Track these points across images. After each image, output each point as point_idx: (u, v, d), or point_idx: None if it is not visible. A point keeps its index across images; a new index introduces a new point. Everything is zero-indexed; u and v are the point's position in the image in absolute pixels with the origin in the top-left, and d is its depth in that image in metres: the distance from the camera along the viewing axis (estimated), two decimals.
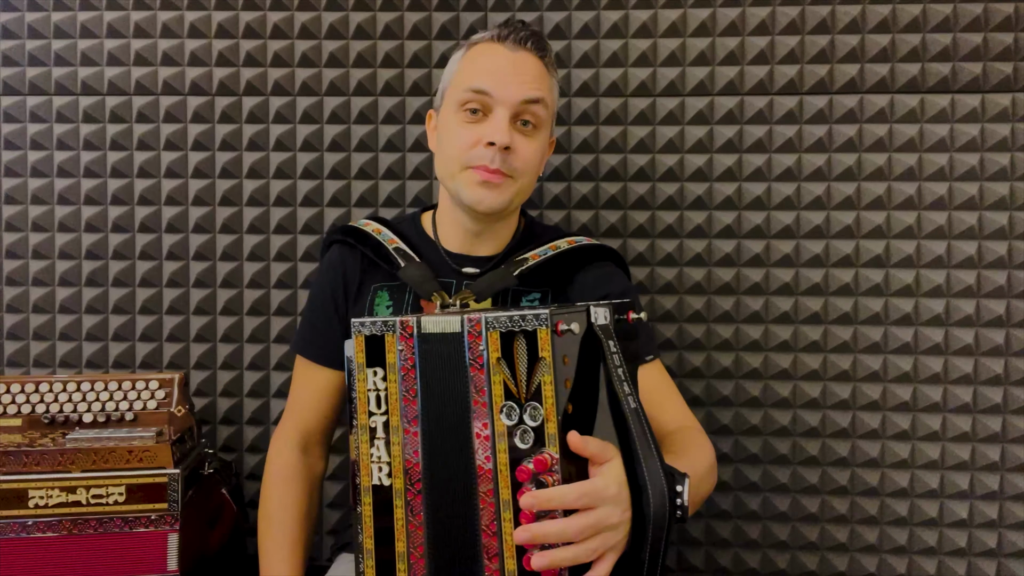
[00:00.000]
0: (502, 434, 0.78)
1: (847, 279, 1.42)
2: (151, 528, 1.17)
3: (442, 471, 0.82)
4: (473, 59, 1.10)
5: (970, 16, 1.38)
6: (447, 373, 0.81)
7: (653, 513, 0.78)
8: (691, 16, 1.43)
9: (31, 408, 1.31)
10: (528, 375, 0.77)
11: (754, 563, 1.46)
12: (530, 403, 0.76)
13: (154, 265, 1.51)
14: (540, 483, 0.75)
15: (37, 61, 1.49)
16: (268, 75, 1.48)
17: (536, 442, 0.76)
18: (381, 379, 0.85)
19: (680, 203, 1.45)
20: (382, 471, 0.85)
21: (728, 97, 1.44)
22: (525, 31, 1.10)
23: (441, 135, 1.13)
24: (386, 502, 0.85)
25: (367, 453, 0.86)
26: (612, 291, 1.15)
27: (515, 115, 1.07)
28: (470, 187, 1.07)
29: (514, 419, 0.77)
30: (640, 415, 0.81)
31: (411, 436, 0.83)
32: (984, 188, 1.40)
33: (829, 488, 1.44)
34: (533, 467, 0.75)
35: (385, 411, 0.85)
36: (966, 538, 1.41)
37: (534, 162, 1.10)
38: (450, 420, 0.81)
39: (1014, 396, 1.40)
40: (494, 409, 0.78)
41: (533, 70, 1.08)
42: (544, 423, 0.76)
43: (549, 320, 0.76)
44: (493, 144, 1.05)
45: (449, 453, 0.81)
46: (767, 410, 1.45)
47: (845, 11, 1.40)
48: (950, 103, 1.40)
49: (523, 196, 1.13)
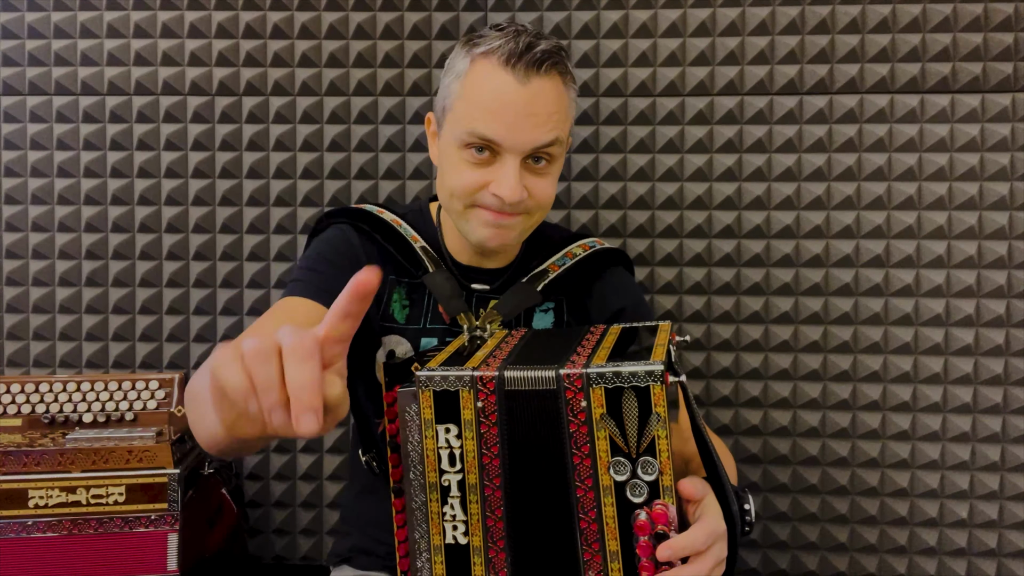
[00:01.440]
0: (608, 488, 0.77)
1: (847, 279, 1.42)
2: (151, 528, 1.17)
3: (535, 528, 0.80)
4: (476, 85, 0.95)
5: (970, 16, 1.38)
6: (539, 430, 0.77)
7: (738, 541, 0.81)
8: (691, 16, 1.43)
9: (31, 408, 1.31)
10: (640, 429, 0.75)
11: (754, 563, 1.46)
12: (642, 457, 0.75)
13: (154, 265, 1.51)
14: (659, 535, 0.76)
15: (37, 61, 1.49)
16: (268, 75, 1.48)
17: (650, 495, 0.76)
18: (455, 436, 0.80)
19: (680, 203, 1.45)
20: (457, 530, 0.81)
21: (728, 97, 1.44)
22: (538, 52, 0.93)
23: (442, 161, 1.01)
24: (462, 560, 0.82)
25: (438, 511, 0.81)
26: (627, 304, 1.12)
27: (527, 156, 0.95)
28: (478, 227, 0.98)
29: (624, 475, 0.76)
30: (712, 451, 0.83)
31: (493, 494, 0.80)
32: (984, 188, 1.40)
33: (829, 488, 1.44)
34: (651, 520, 0.76)
35: (460, 469, 0.80)
36: (966, 538, 1.41)
37: (549, 195, 1.00)
38: (543, 476, 0.78)
39: (1014, 396, 1.40)
40: (599, 465, 0.77)
41: (549, 105, 0.94)
42: (659, 476, 0.75)
43: (661, 375, 0.74)
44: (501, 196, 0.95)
45: (543, 510, 0.79)
46: (767, 410, 1.45)
47: (845, 11, 1.40)
48: (950, 103, 1.40)
49: (537, 224, 1.04)
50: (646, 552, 0.76)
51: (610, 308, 1.11)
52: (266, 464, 1.51)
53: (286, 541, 1.52)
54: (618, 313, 1.11)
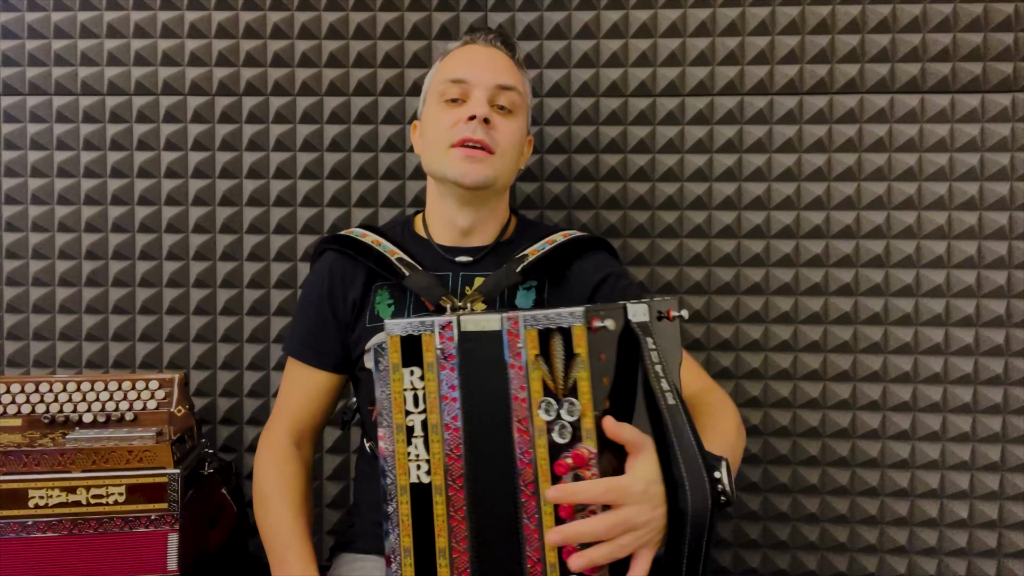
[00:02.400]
0: (541, 429, 0.79)
1: (847, 279, 1.42)
2: (151, 528, 1.17)
3: (484, 467, 0.83)
4: (449, 60, 1.19)
5: (970, 16, 1.38)
6: (487, 370, 0.82)
7: (692, 509, 0.79)
8: (691, 16, 1.43)
9: (31, 408, 1.31)
10: (565, 371, 0.78)
11: (754, 563, 1.46)
12: (567, 399, 0.77)
13: (154, 265, 1.51)
14: (578, 477, 0.77)
15: (37, 61, 1.49)
16: (268, 75, 1.48)
17: (573, 437, 0.77)
18: (419, 378, 0.86)
19: (680, 203, 1.45)
20: (420, 468, 0.86)
21: (728, 97, 1.44)
22: (492, 33, 1.21)
23: (425, 130, 1.19)
24: (425, 499, 0.85)
25: (403, 452, 0.86)
26: (610, 272, 1.17)
27: (492, 98, 1.14)
28: (455, 163, 1.12)
29: (552, 414, 0.78)
30: (680, 411, 0.82)
31: (452, 433, 0.84)
32: (984, 188, 1.40)
33: (829, 488, 1.44)
34: (571, 461, 0.77)
35: (423, 409, 0.85)
36: (966, 538, 1.41)
37: (514, 141, 1.16)
38: (491, 417, 0.82)
39: (1014, 396, 1.40)
40: (532, 405, 0.79)
41: (504, 64, 1.17)
42: (581, 418, 0.77)
43: (584, 317, 0.77)
44: (474, 118, 1.11)
45: (491, 449, 0.82)
46: (767, 410, 1.45)
47: (845, 11, 1.40)
48: (950, 103, 1.40)
49: (506, 175, 1.16)
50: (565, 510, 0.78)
51: (591, 281, 1.16)
52: None
53: None
54: (601, 283, 1.16)
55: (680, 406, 0.83)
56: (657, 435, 0.82)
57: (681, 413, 0.82)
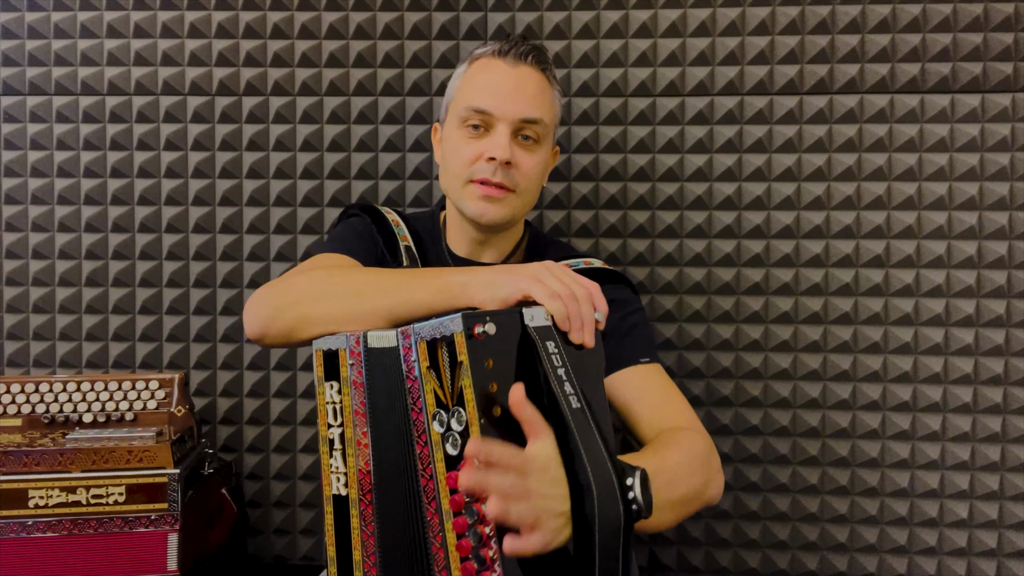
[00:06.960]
0: (437, 443, 0.77)
1: (847, 279, 1.42)
2: (151, 528, 1.17)
3: (389, 483, 0.84)
4: (474, 75, 1.13)
5: (970, 16, 1.38)
6: (389, 386, 0.83)
7: (598, 511, 0.74)
8: (691, 16, 1.43)
9: (31, 408, 1.31)
10: (452, 381, 0.76)
11: (754, 563, 1.46)
12: (456, 408, 0.76)
13: (154, 265, 1.51)
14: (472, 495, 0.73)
15: (37, 61, 1.49)
16: (268, 75, 1.48)
17: (463, 447, 0.74)
18: (337, 392, 0.87)
19: (680, 203, 1.45)
20: (340, 481, 0.87)
21: (728, 97, 1.44)
22: (525, 46, 1.12)
23: (445, 149, 1.15)
24: (344, 511, 0.87)
25: (327, 464, 0.88)
26: (618, 297, 1.09)
27: (515, 131, 1.09)
28: (472, 201, 1.10)
29: (443, 426, 0.77)
30: (585, 414, 0.77)
31: (362, 448, 0.85)
32: (984, 188, 1.40)
33: (829, 488, 1.44)
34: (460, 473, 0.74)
35: (341, 423, 0.87)
36: (966, 538, 1.41)
37: (536, 175, 1.12)
38: (394, 432, 0.83)
39: (1014, 396, 1.40)
40: (428, 418, 0.78)
41: (533, 86, 1.11)
42: (468, 427, 0.74)
43: (463, 323, 0.75)
44: (494, 159, 1.07)
45: (395, 464, 0.83)
46: (767, 410, 1.45)
47: (845, 11, 1.40)
48: (950, 103, 1.40)
49: (525, 209, 1.15)
50: (457, 507, 0.74)
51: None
52: (266, 464, 1.51)
53: (286, 541, 1.52)
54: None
55: (586, 410, 0.78)
56: (561, 439, 0.77)
57: (587, 417, 0.78)
